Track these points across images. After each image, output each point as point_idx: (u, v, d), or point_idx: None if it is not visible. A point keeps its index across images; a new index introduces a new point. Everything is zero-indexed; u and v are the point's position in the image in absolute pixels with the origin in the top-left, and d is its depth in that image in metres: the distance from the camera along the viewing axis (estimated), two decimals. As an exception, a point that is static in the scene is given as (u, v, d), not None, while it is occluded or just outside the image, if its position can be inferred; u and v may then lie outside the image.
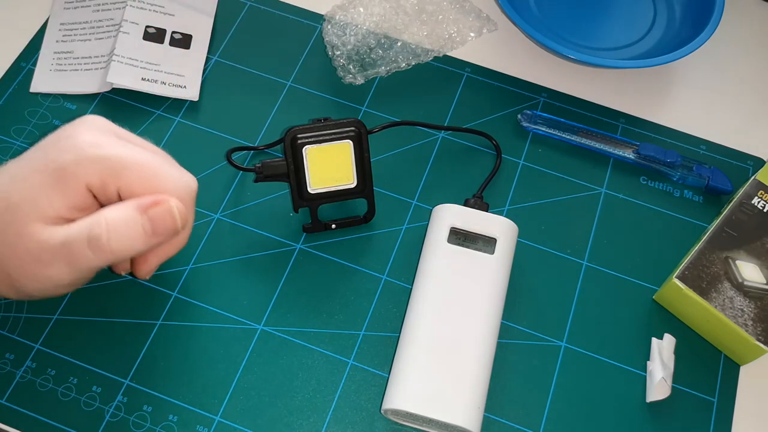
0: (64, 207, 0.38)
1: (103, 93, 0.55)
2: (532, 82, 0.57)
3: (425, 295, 0.45)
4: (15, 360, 0.45)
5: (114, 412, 0.44)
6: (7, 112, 0.53)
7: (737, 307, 0.45)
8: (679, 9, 0.60)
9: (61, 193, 0.38)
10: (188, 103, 0.55)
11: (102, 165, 0.38)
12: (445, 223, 0.47)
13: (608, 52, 0.58)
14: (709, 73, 0.59)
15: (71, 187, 0.38)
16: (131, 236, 0.38)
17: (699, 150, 0.55)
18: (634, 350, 0.47)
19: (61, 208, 0.38)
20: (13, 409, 0.44)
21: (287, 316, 0.47)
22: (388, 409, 0.42)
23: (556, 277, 0.49)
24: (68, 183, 0.38)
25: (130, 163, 0.38)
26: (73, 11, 0.57)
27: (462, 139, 0.54)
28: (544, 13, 0.60)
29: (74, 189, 0.38)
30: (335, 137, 0.46)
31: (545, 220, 0.51)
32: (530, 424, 0.45)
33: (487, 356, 0.43)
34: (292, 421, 0.44)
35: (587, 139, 0.54)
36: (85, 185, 0.38)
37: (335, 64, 0.56)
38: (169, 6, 0.57)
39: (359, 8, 0.57)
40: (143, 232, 0.38)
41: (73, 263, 0.38)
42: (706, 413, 0.46)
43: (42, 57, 0.55)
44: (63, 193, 0.38)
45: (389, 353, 0.46)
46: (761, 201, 0.49)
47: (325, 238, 0.50)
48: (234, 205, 0.51)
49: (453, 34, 0.57)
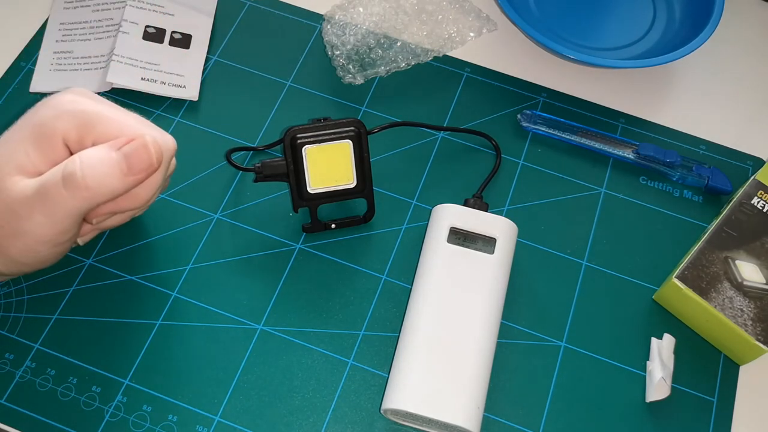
0: (40, 160, 0.38)
1: (103, 93, 0.55)
2: (531, 82, 0.57)
3: (425, 295, 0.45)
4: (15, 360, 0.45)
5: (114, 412, 0.44)
6: (6, 111, 0.53)
7: (737, 307, 0.45)
8: (679, 9, 0.60)
9: (38, 147, 0.38)
10: (188, 103, 0.55)
11: (79, 118, 0.39)
12: (444, 223, 0.47)
13: (608, 52, 0.58)
14: (708, 73, 0.59)
15: (48, 140, 0.38)
16: (107, 173, 0.37)
17: (699, 150, 0.55)
18: (633, 350, 0.47)
19: (37, 162, 0.38)
20: (13, 409, 0.43)
21: (287, 316, 0.47)
22: (388, 409, 0.42)
23: (556, 277, 0.49)
24: (45, 136, 0.38)
25: (106, 117, 0.39)
26: (73, 11, 0.57)
27: (461, 139, 0.54)
28: (544, 13, 0.60)
29: (51, 142, 0.38)
30: (335, 137, 0.46)
31: (545, 220, 0.51)
32: (530, 424, 0.45)
33: (486, 356, 0.43)
34: (292, 421, 0.44)
35: (587, 139, 0.54)
36: (62, 138, 0.38)
37: (335, 64, 0.56)
38: (168, 6, 0.57)
39: (359, 8, 0.57)
40: (119, 170, 0.38)
41: (50, 209, 0.37)
42: (706, 413, 0.46)
43: (42, 57, 0.55)
44: (40, 146, 0.38)
45: (389, 353, 0.46)
46: (761, 201, 0.49)
47: (325, 238, 0.50)
48: (234, 205, 0.51)
49: (453, 34, 0.57)
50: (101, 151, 0.38)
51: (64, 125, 0.38)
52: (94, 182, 0.37)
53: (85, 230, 0.45)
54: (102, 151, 0.38)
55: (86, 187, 0.37)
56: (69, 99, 0.39)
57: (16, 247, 0.39)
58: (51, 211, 0.37)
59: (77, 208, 0.38)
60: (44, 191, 0.37)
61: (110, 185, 0.38)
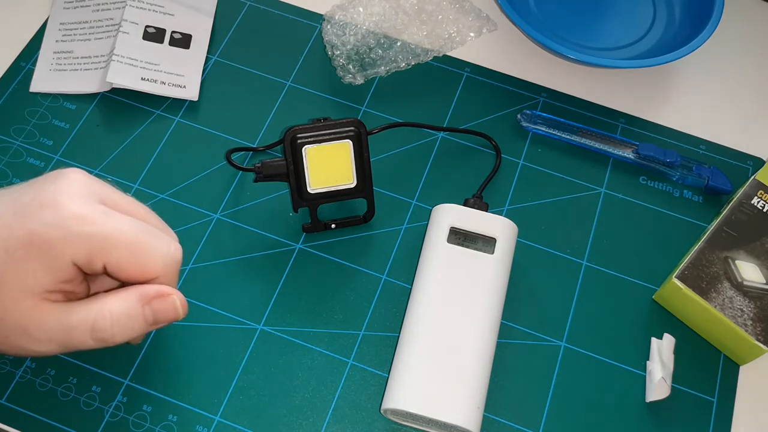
0: (50, 282, 0.37)
1: (103, 93, 0.55)
2: (531, 81, 0.57)
3: (425, 294, 0.45)
4: (14, 360, 0.45)
5: (114, 412, 0.44)
6: (6, 111, 0.53)
7: (737, 307, 0.45)
8: (679, 9, 0.60)
9: (48, 270, 0.37)
10: (188, 103, 0.55)
11: (90, 243, 0.37)
12: (444, 223, 0.46)
13: (608, 52, 0.58)
14: (708, 73, 0.59)
15: (58, 264, 0.37)
16: (133, 327, 0.39)
17: (699, 150, 0.55)
18: (633, 350, 0.47)
19: (47, 284, 0.37)
20: (13, 409, 0.43)
21: (287, 315, 0.47)
22: (388, 409, 0.42)
23: (556, 277, 0.49)
24: (55, 260, 0.37)
25: (118, 240, 0.38)
26: (73, 11, 0.57)
27: (461, 139, 0.54)
28: (544, 13, 0.60)
29: (61, 265, 0.37)
30: (335, 137, 0.46)
31: (545, 220, 0.51)
32: (530, 424, 0.45)
33: (486, 356, 0.43)
34: (292, 421, 0.44)
35: (587, 139, 0.54)
36: (72, 261, 0.37)
37: (335, 64, 0.56)
38: (168, 6, 0.57)
39: (359, 8, 0.57)
40: (144, 322, 0.39)
41: (69, 346, 0.38)
42: (706, 413, 0.46)
43: (42, 57, 0.55)
44: (50, 269, 0.37)
45: (389, 353, 0.46)
46: (761, 201, 0.49)
47: (325, 238, 0.50)
48: (234, 205, 0.51)
49: (453, 34, 0.57)
50: (131, 305, 0.38)
51: (74, 250, 0.37)
52: (121, 338, 0.38)
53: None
54: (132, 306, 0.38)
55: (113, 342, 0.38)
56: (77, 216, 0.37)
57: (13, 353, 0.39)
58: (68, 346, 0.38)
59: (94, 347, 0.39)
60: (70, 331, 0.37)
61: (133, 335, 0.39)
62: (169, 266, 0.40)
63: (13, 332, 0.37)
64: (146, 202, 0.44)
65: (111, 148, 0.52)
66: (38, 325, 0.37)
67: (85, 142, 0.53)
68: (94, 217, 0.37)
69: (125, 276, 0.38)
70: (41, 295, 0.37)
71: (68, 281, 0.38)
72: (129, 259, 0.38)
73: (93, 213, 0.38)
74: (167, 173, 0.52)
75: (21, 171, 0.51)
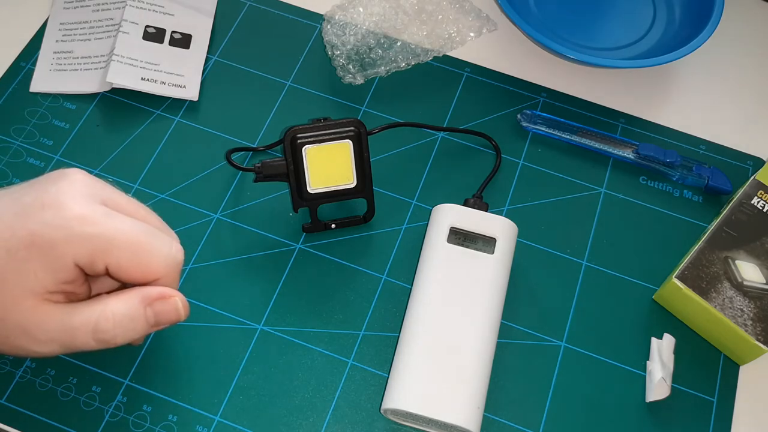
0: (51, 283, 0.37)
1: (103, 93, 0.55)
2: (531, 81, 0.57)
3: (425, 295, 0.45)
4: (14, 360, 0.45)
5: (114, 412, 0.44)
6: (6, 111, 0.53)
7: (737, 307, 0.45)
8: (679, 9, 0.60)
9: (50, 270, 0.37)
10: (188, 103, 0.55)
11: (92, 244, 0.37)
12: (444, 223, 0.46)
13: (608, 52, 0.58)
14: (708, 73, 0.59)
15: (60, 265, 0.37)
16: (135, 329, 0.39)
17: (699, 150, 0.55)
18: (633, 350, 0.47)
19: (48, 284, 0.37)
20: (13, 409, 0.43)
21: (287, 315, 0.47)
22: (388, 409, 0.42)
23: (556, 277, 0.49)
24: (57, 260, 0.37)
25: (120, 241, 0.38)
26: (73, 11, 0.57)
27: (461, 138, 0.54)
28: (544, 13, 0.60)
29: (63, 266, 0.37)
30: (335, 137, 0.46)
31: (545, 220, 0.51)
32: (530, 424, 0.45)
33: (486, 356, 0.43)
34: (292, 421, 0.44)
35: (587, 139, 0.54)
36: (74, 262, 0.37)
37: (335, 64, 0.56)
38: (168, 6, 0.57)
39: (359, 8, 0.57)
40: (146, 324, 0.39)
41: (71, 346, 0.38)
42: (706, 413, 0.46)
43: (42, 57, 0.55)
44: (51, 270, 0.37)
45: (389, 353, 0.46)
46: (761, 201, 0.49)
47: (325, 238, 0.50)
48: (234, 205, 0.51)
49: (453, 33, 0.57)
50: (133, 307, 0.38)
51: (76, 251, 0.37)
52: (123, 339, 0.39)
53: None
54: (134, 307, 0.38)
55: (115, 343, 0.38)
56: (78, 217, 0.37)
57: (12, 353, 0.39)
58: (70, 347, 0.38)
59: (96, 349, 0.39)
60: (71, 332, 0.37)
61: (135, 336, 0.39)
62: (170, 267, 0.40)
63: (14, 332, 0.37)
64: (146, 202, 0.44)
65: (111, 148, 0.52)
66: (39, 325, 0.37)
67: (85, 142, 0.53)
68: (95, 218, 0.37)
69: (127, 277, 0.38)
70: (43, 296, 0.37)
71: (70, 282, 0.38)
72: (131, 260, 0.38)
73: (95, 214, 0.37)
74: (167, 173, 0.52)
75: (21, 171, 0.51)
